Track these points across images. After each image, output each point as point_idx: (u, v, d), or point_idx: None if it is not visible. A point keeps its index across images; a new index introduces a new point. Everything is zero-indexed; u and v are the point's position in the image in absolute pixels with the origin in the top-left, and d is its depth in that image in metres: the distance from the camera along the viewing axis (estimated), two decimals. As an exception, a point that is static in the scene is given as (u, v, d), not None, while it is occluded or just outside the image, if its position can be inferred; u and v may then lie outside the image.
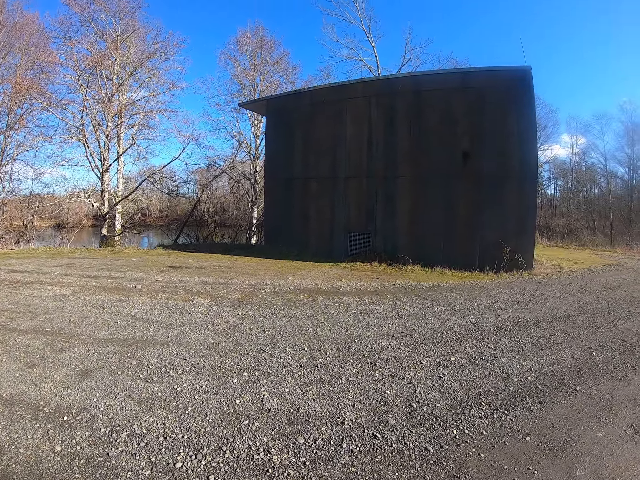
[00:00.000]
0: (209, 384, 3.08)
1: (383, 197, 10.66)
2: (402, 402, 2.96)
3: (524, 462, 2.28)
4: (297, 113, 12.08)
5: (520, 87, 9.43)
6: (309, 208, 11.74)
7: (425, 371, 3.56)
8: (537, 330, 5.11)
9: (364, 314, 5.28)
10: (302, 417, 2.67)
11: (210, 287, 6.54)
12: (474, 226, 9.62)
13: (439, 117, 10.00)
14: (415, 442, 2.47)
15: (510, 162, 9.47)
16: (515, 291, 7.45)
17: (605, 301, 6.96)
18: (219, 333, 4.27)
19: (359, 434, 2.50)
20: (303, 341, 4.14)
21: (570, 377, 3.68)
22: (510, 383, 3.54)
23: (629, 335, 5.02)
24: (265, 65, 21.83)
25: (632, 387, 3.50)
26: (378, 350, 4.00)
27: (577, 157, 32.27)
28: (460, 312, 5.66)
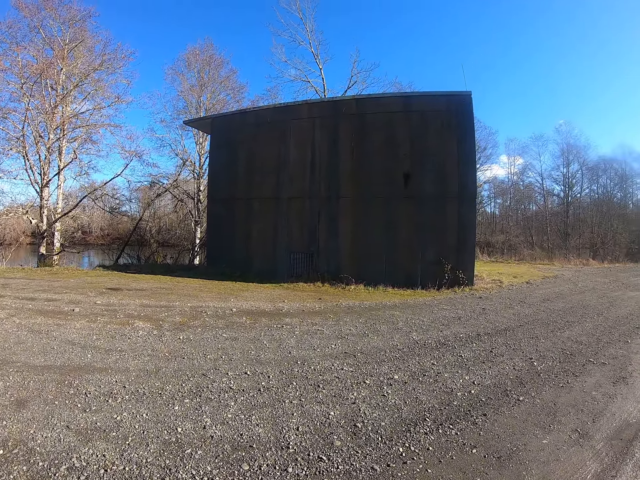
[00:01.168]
0: (150, 412, 3.90)
1: (326, 218, 14.72)
2: (347, 423, 3.89)
3: (471, 475, 3.15)
4: (241, 132, 16.48)
5: (461, 111, 13.73)
6: (252, 228, 15.90)
7: (369, 390, 4.70)
8: (479, 344, 6.85)
9: (307, 335, 6.98)
10: (246, 443, 3.44)
11: (151, 310, 8.39)
12: (415, 245, 13.61)
13: (382, 140, 14.20)
14: (361, 462, 3.26)
15: (451, 183, 13.59)
16: (456, 307, 10.03)
17: (545, 312, 9.67)
18: (159, 358, 5.45)
19: (305, 458, 3.27)
20: (245, 365, 5.36)
21: (513, 388, 5.05)
22: (454, 397, 4.69)
23: (568, 344, 7.09)
24: (212, 82, 29.63)
25: (574, 393, 5.01)
26: (321, 371, 5.26)
27: (515, 177, 48.53)
28: (403, 330, 7.66)
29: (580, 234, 39.53)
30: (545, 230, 40.57)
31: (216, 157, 17.81)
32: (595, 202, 44.19)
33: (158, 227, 28.13)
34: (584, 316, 9.43)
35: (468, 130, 13.96)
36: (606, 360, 6.30)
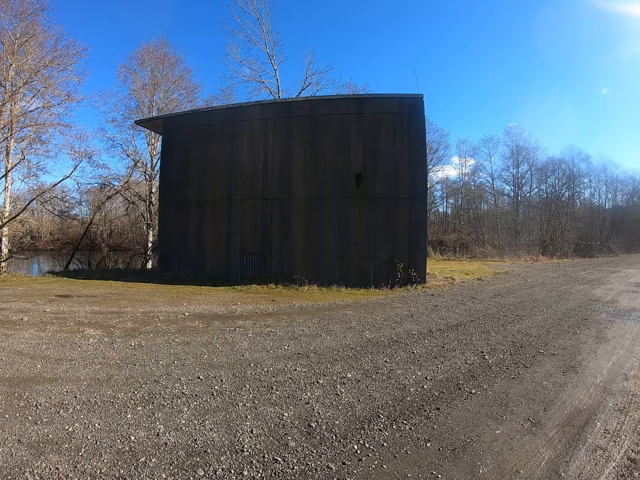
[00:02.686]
0: (102, 421, 3.94)
1: (279, 219, 15.36)
2: (301, 423, 4.01)
3: (427, 468, 3.29)
4: (194, 133, 16.88)
5: (413, 114, 14.76)
6: (205, 231, 16.40)
7: (322, 390, 4.86)
8: (431, 341, 7.13)
9: (260, 337, 7.21)
10: (200, 448, 3.51)
11: (101, 317, 8.47)
12: (368, 245, 14.42)
13: (335, 141, 14.98)
14: (316, 461, 3.36)
15: (402, 184, 14.51)
16: (409, 305, 10.51)
17: (495, 307, 10.23)
18: (110, 366, 5.51)
19: (260, 460, 3.36)
20: (198, 369, 5.48)
21: (465, 382, 5.28)
22: (407, 393, 4.85)
23: (518, 337, 7.50)
24: (166, 82, 30.21)
25: (525, 384, 5.28)
26: (274, 373, 5.42)
27: (467, 177, 52.46)
28: (355, 329, 8.00)
29: (530, 231, 42.43)
30: (496, 229, 43.55)
31: (168, 158, 18.07)
32: (544, 201, 47.76)
33: (109, 230, 28.18)
34: (534, 310, 10.02)
35: (420, 132, 14.90)
36: (556, 351, 6.69)
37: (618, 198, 59.14)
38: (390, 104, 14.97)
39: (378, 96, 15.94)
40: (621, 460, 3.48)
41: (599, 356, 6.42)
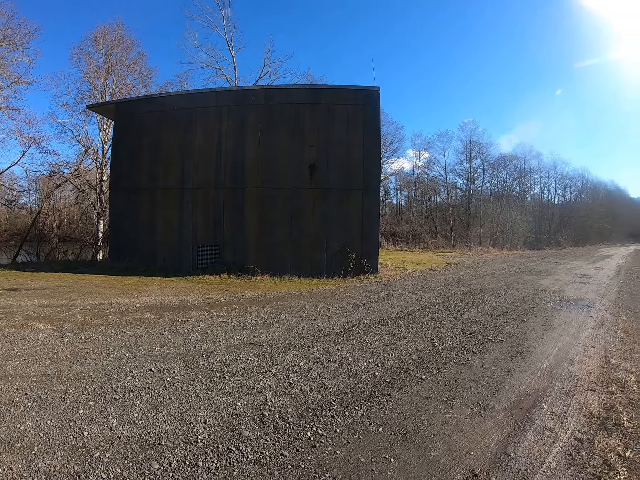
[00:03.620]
0: (54, 418, 3.90)
1: (231, 209, 15.49)
2: (254, 412, 4.09)
3: (379, 452, 3.40)
4: (147, 119, 16.75)
5: (368, 106, 15.20)
6: (157, 220, 16.29)
7: (275, 379, 4.97)
8: (382, 329, 7.33)
9: (212, 328, 7.25)
10: (154, 441, 3.53)
11: (51, 311, 8.29)
12: (321, 235, 14.80)
13: (289, 130, 15.24)
14: (270, 449, 3.44)
15: (356, 175, 14.97)
16: (361, 294, 10.78)
17: (446, 296, 10.62)
18: (61, 361, 5.43)
19: (214, 450, 3.41)
20: (150, 361, 5.48)
21: (416, 368, 5.47)
22: (359, 380, 4.98)
23: (467, 325, 7.82)
24: (120, 65, 29.62)
25: (474, 369, 5.53)
26: (227, 363, 5.49)
27: (421, 170, 54.49)
28: (308, 318, 8.19)
29: (481, 224, 44.46)
30: (448, 221, 45.71)
31: (120, 145, 17.78)
32: (496, 195, 50.78)
33: (59, 221, 27.58)
34: (483, 299, 10.46)
35: (374, 124, 15.39)
36: (504, 337, 7.02)
37: (567, 194, 63.38)
38: (346, 95, 15.28)
39: (334, 87, 16.25)
40: (568, 440, 3.69)
41: (546, 343, 6.78)
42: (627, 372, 5.50)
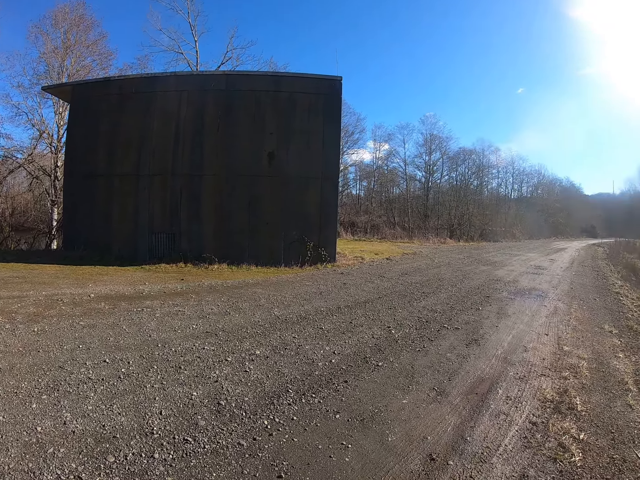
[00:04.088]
0: (6, 413, 3.77)
1: (189, 196, 15.23)
2: (210, 402, 4.08)
3: (337, 439, 3.45)
4: (104, 103, 16.08)
5: (330, 95, 15.35)
6: (113, 208, 15.72)
7: (231, 368, 4.96)
8: (339, 317, 7.38)
9: (168, 317, 7.17)
10: (109, 434, 3.48)
11: (1, 303, 7.94)
12: (279, 223, 14.81)
13: (250, 117, 15.12)
14: (227, 439, 3.43)
15: (315, 164, 15.03)
16: (318, 283, 10.83)
17: (403, 285, 10.81)
18: (12, 354, 5.27)
19: (170, 442, 3.38)
20: (104, 352, 5.38)
21: (372, 355, 5.54)
22: (316, 368, 4.99)
23: (424, 313, 7.97)
24: (79, 46, 28.53)
25: (430, 356, 5.63)
26: (182, 352, 5.45)
27: (381, 161, 55.29)
28: (264, 306, 8.18)
29: (439, 215, 46.01)
30: (407, 212, 46.40)
31: (75, 129, 17.09)
32: (454, 187, 52.26)
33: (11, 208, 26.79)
34: (439, 288, 10.69)
35: (335, 113, 15.47)
36: (459, 325, 7.19)
37: (523, 189, 66.40)
38: (308, 83, 15.36)
39: (296, 75, 16.21)
40: (523, 423, 3.82)
41: (500, 330, 6.99)
42: (580, 358, 5.72)
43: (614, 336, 7.02)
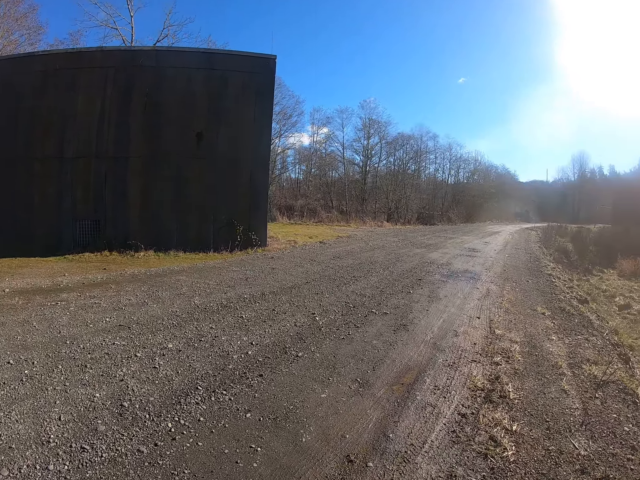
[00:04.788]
0: None
1: (114, 180, 14.49)
2: (113, 404, 3.79)
3: (246, 442, 3.21)
4: (27, 79, 14.93)
5: (264, 75, 15.05)
6: (34, 194, 14.79)
7: (139, 364, 4.66)
8: (262, 304, 7.10)
9: (82, 311, 6.72)
10: (5, 444, 3.18)
11: None
12: (208, 207, 14.48)
13: (179, 97, 14.64)
14: (127, 445, 3.18)
15: (246, 145, 14.79)
16: (246, 268, 10.57)
17: (333, 269, 10.68)
18: None
19: (67, 451, 3.12)
20: (9, 353, 4.95)
21: (293, 345, 5.29)
22: (230, 361, 4.69)
23: (352, 297, 7.81)
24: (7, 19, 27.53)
25: (355, 344, 5.43)
26: (91, 349, 5.10)
27: (319, 145, 55.91)
28: (185, 295, 7.83)
29: (376, 199, 47.05)
30: (344, 196, 46.89)
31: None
32: (392, 172, 53.54)
33: None
34: (371, 271, 10.60)
35: (269, 94, 15.43)
36: (388, 310, 7.06)
37: (460, 175, 68.18)
38: (241, 62, 14.97)
39: (229, 53, 15.85)
40: (452, 416, 3.66)
41: (431, 314, 6.92)
42: (512, 342, 5.72)
43: (547, 318, 7.15)
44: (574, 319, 7.24)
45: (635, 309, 9.96)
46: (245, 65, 14.86)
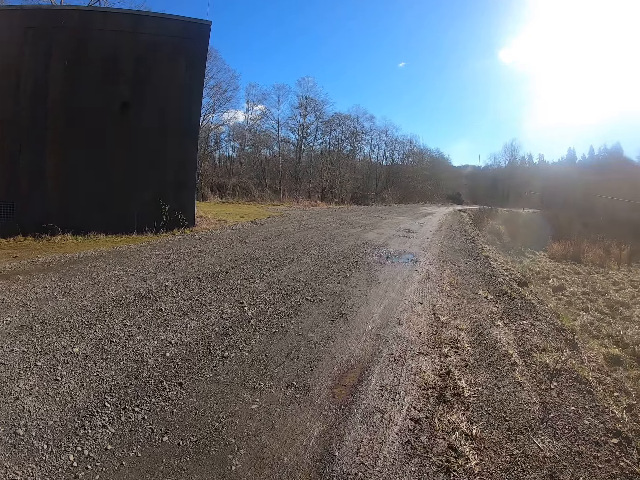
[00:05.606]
0: None
1: (29, 155, 12.79)
2: (6, 432, 3.02)
3: (162, 476, 2.63)
4: None
5: (197, 41, 14.05)
6: None
7: (39, 376, 3.83)
8: (185, 293, 6.32)
9: None
10: None
11: None
12: (132, 185, 13.26)
13: (104, 62, 13.17)
14: None
15: (173, 117, 13.72)
16: (170, 251, 9.69)
17: (264, 251, 10.05)
18: None
19: None
20: None
21: (218, 342, 4.62)
22: (144, 367, 3.97)
23: (284, 283, 7.20)
24: None
25: (288, 338, 4.85)
26: None
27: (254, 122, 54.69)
28: (100, 284, 6.82)
29: (310, 178, 47.07)
30: (278, 174, 46.47)
31: None
32: (327, 151, 53.97)
33: None
34: (304, 253, 10.06)
35: (201, 62, 14.38)
36: (324, 296, 6.52)
37: (395, 156, 70.18)
38: (173, 26, 13.77)
39: (160, 16, 14.27)
40: (404, 422, 3.26)
41: (370, 300, 6.47)
42: (458, 329, 5.41)
43: (490, 302, 6.96)
44: (516, 303, 7.09)
45: (569, 291, 10.30)
46: (177, 30, 13.74)
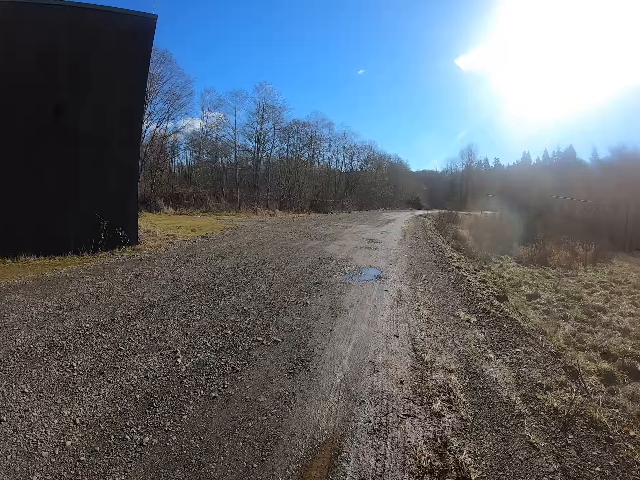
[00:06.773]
0: None
1: None
2: None
3: None
4: None
5: (141, 36, 12.84)
6: None
7: None
8: (106, 338, 4.95)
9: None
10: None
11: None
12: (67, 198, 11.69)
13: (38, 59, 11.61)
14: None
15: (114, 122, 12.44)
16: (104, 277, 8.24)
17: (212, 273, 8.80)
18: None
19: None
20: None
21: (137, 420, 3.32)
22: (36, 467, 2.73)
23: (232, 318, 5.95)
24: None
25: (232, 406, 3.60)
26: None
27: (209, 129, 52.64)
28: (9, 328, 5.32)
29: (268, 187, 45.91)
30: (235, 183, 45.75)
31: None
32: (285, 159, 53.50)
33: None
34: (258, 274, 8.89)
35: (145, 60, 13.27)
36: (280, 335, 5.36)
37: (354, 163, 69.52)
38: (115, 20, 12.49)
39: (102, 9, 12.84)
40: None
41: (337, 337, 5.36)
42: (446, 371, 4.44)
43: (475, 326, 6.12)
44: (502, 324, 6.30)
45: (544, 298, 9.83)
46: (120, 24, 12.39)
